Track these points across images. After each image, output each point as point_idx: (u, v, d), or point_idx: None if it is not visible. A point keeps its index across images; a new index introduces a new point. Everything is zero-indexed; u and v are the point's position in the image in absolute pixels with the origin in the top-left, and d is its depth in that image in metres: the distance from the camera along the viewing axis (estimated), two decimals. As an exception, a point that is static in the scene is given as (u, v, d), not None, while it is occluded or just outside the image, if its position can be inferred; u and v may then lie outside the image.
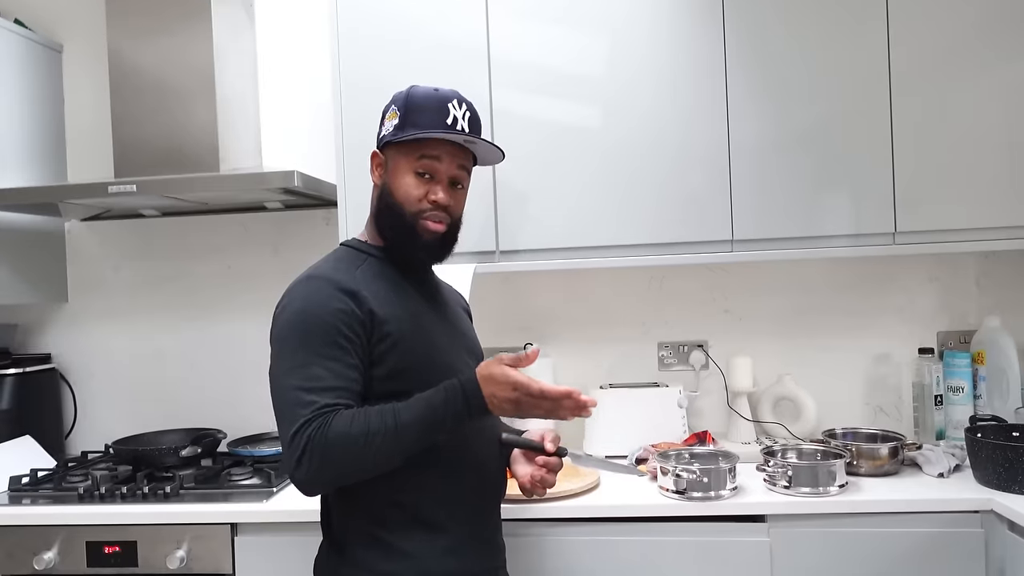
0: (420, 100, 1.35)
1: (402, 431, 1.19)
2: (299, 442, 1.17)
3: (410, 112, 1.34)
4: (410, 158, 1.35)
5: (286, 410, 1.21)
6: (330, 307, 1.25)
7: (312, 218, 2.43)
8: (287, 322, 1.27)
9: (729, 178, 1.97)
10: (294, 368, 1.23)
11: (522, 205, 2.02)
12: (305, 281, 1.31)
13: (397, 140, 1.35)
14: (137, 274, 2.51)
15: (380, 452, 1.19)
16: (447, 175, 1.36)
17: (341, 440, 1.17)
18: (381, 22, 2.04)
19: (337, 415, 1.19)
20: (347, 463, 1.19)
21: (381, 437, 1.18)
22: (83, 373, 2.52)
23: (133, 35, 2.18)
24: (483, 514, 1.40)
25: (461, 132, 1.35)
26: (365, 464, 1.21)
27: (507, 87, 2.01)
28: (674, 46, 1.98)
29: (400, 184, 1.35)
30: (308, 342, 1.23)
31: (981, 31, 1.92)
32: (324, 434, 1.17)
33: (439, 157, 1.35)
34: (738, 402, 2.19)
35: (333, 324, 1.24)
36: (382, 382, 1.28)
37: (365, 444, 1.18)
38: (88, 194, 2.05)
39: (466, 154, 1.40)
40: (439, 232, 1.37)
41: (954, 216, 1.93)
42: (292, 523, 1.75)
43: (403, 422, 1.20)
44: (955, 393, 2.11)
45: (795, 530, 1.70)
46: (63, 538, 1.84)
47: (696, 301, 2.35)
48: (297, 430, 1.18)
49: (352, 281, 1.30)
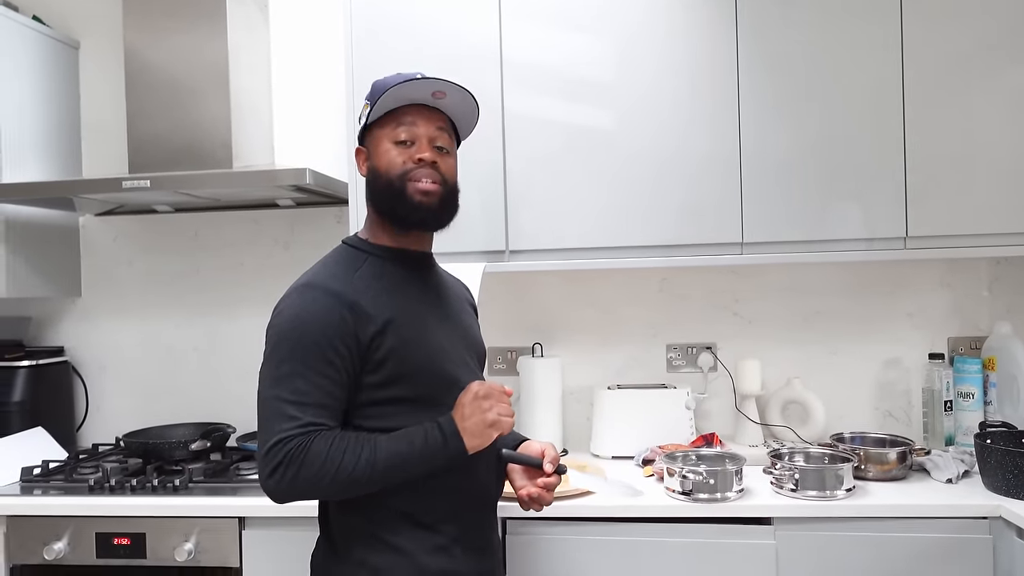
0: (384, 81, 1.37)
1: (378, 465, 1.23)
2: (277, 454, 1.20)
3: (376, 94, 1.36)
4: (386, 129, 1.36)
5: (269, 419, 1.23)
6: (324, 320, 1.26)
7: (324, 215, 2.44)
8: (280, 330, 1.28)
9: (740, 182, 1.97)
10: (282, 378, 1.24)
11: (532, 206, 2.02)
12: (302, 289, 1.31)
13: (371, 120, 1.37)
14: (150, 269, 2.53)
15: (353, 482, 1.22)
16: (426, 136, 1.36)
17: (318, 463, 1.20)
18: (394, 23, 2.05)
19: (319, 436, 1.21)
20: (318, 486, 1.22)
21: (356, 468, 1.21)
22: (95, 366, 2.54)
23: (149, 33, 2.20)
24: (478, 515, 1.40)
25: (427, 79, 1.34)
26: (336, 489, 1.24)
27: (519, 89, 2.02)
28: (687, 52, 1.98)
29: (383, 158, 1.36)
30: (298, 354, 1.24)
31: (994, 40, 1.91)
32: (303, 453, 1.20)
33: (415, 120, 1.36)
34: (746, 405, 2.19)
35: (325, 338, 1.25)
36: (378, 388, 1.29)
37: (338, 471, 1.20)
38: (102, 189, 2.07)
39: (442, 116, 1.40)
40: (432, 191, 1.35)
41: (965, 221, 1.92)
42: (299, 517, 1.75)
43: (380, 457, 1.23)
44: (965, 399, 2.10)
45: (801, 533, 1.70)
46: (73, 529, 1.86)
47: (705, 304, 2.35)
48: (277, 442, 1.20)
49: (350, 289, 1.29)
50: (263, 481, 1.23)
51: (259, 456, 1.23)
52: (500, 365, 2.39)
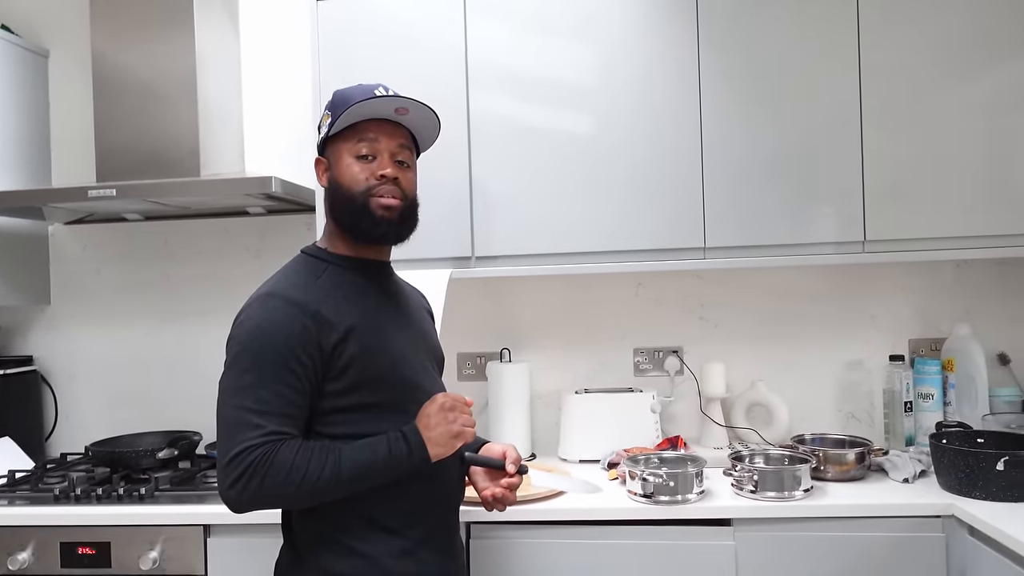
0: (345, 92, 1.39)
1: (343, 475, 1.24)
2: (239, 464, 1.20)
3: (338, 107, 1.36)
4: (348, 144, 1.37)
5: (231, 429, 1.23)
6: (287, 330, 1.26)
7: (294, 223, 2.45)
8: (242, 341, 1.28)
9: (702, 187, 2.00)
10: (244, 388, 1.24)
11: (498, 210, 2.04)
12: (263, 299, 1.31)
13: (333, 133, 1.38)
14: (119, 277, 2.53)
15: (316, 491, 1.23)
16: (387, 151, 1.37)
17: (283, 472, 1.21)
18: (360, 30, 2.07)
19: (284, 445, 1.22)
20: (282, 494, 1.23)
21: (321, 477, 1.22)
22: (64, 375, 2.54)
23: (117, 40, 2.20)
24: (440, 518, 1.42)
25: (389, 97, 1.36)
26: (300, 498, 1.26)
27: (485, 93, 2.04)
28: (651, 58, 2.01)
29: (345, 172, 1.37)
30: (261, 365, 1.25)
31: (949, 47, 1.95)
32: (267, 463, 1.20)
33: (377, 136, 1.37)
34: (711, 408, 2.22)
35: (288, 348, 1.25)
36: (341, 396, 1.30)
37: (303, 480, 1.21)
38: (68, 198, 2.07)
39: (404, 132, 1.41)
40: (393, 206, 1.36)
41: (923, 225, 1.96)
42: (264, 525, 1.73)
43: (345, 467, 1.24)
44: (925, 400, 2.14)
45: (760, 534, 1.73)
46: (38, 539, 1.85)
47: (673, 308, 2.37)
48: (241, 451, 1.20)
49: (311, 297, 1.30)
50: (223, 491, 1.23)
51: (220, 466, 1.23)
52: (469, 371, 2.41)
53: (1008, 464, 1.66)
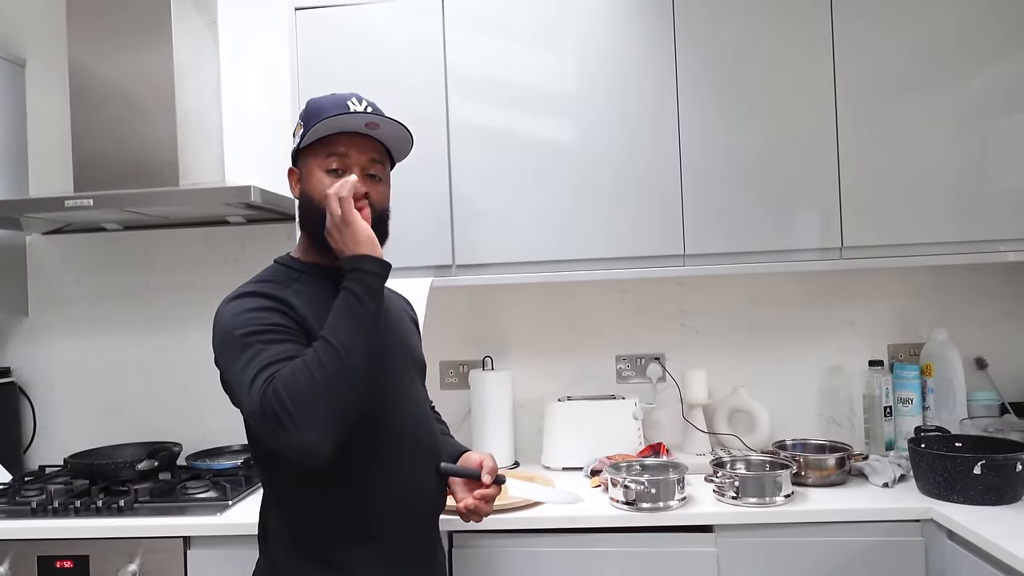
0: (318, 103, 1.38)
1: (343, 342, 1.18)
2: (266, 409, 1.13)
3: (311, 118, 1.35)
4: (319, 158, 1.35)
5: (245, 397, 1.18)
6: (266, 309, 1.25)
7: (275, 232, 2.44)
8: (226, 330, 1.26)
9: (681, 194, 2.01)
10: (242, 362, 1.20)
11: (478, 218, 2.05)
12: (237, 295, 1.30)
13: (304, 145, 1.37)
14: (98, 288, 2.51)
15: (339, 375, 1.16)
16: (358, 166, 1.36)
17: (295, 377, 1.14)
18: (339, 38, 2.07)
19: (281, 369, 1.16)
20: (316, 400, 1.14)
21: (327, 352, 1.16)
22: (42, 387, 2.51)
23: (94, 50, 2.19)
24: (420, 528, 1.41)
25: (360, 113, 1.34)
26: (334, 391, 1.16)
27: (463, 98, 2.05)
28: (629, 65, 2.02)
29: (315, 185, 1.35)
30: (250, 338, 1.22)
31: (924, 53, 1.97)
32: (277, 384, 1.14)
33: (347, 151, 1.35)
34: (693, 414, 2.22)
35: (271, 318, 1.24)
36: None
37: (314, 374, 1.14)
38: (45, 208, 2.05)
39: (375, 146, 1.39)
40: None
41: (899, 231, 1.98)
42: (244, 536, 1.73)
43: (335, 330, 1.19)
44: (904, 404, 2.16)
45: (742, 540, 1.73)
46: (15, 553, 1.83)
47: (654, 315, 2.38)
48: (258, 401, 1.14)
49: (286, 297, 1.29)
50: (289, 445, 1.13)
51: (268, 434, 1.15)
52: (452, 379, 2.40)
53: (985, 468, 1.68)
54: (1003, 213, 1.96)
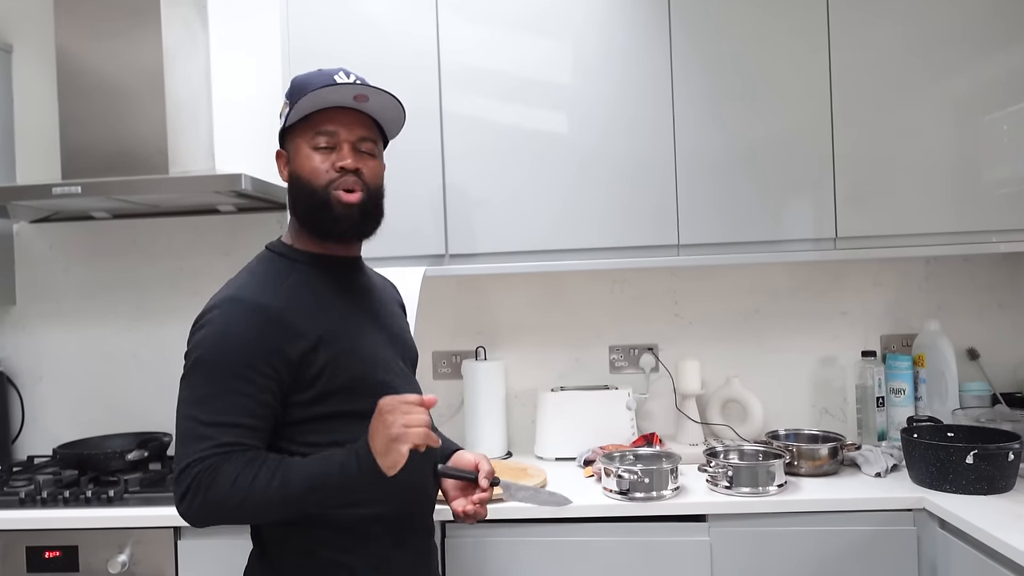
0: (303, 79, 1.33)
1: (291, 491, 1.16)
2: (186, 478, 1.16)
3: (296, 94, 1.31)
4: (307, 136, 1.32)
5: (183, 440, 1.19)
6: (248, 337, 1.21)
7: (265, 221, 2.42)
8: (202, 347, 1.22)
9: (675, 184, 2.00)
10: (200, 398, 1.20)
11: (472, 208, 2.03)
12: (227, 303, 1.25)
13: (291, 123, 1.33)
14: (87, 276, 2.48)
15: (262, 508, 1.18)
16: (347, 141, 1.32)
17: (225, 487, 1.15)
18: (331, 25, 2.05)
19: (228, 461, 1.16)
20: (226, 511, 1.17)
21: (264, 494, 1.15)
22: (31, 377, 2.48)
23: (82, 36, 2.15)
24: (416, 522, 1.39)
25: (347, 84, 1.30)
26: (245, 514, 1.21)
27: (456, 87, 2.03)
28: (624, 55, 2.01)
29: (304, 164, 1.31)
30: (219, 373, 1.20)
31: (919, 44, 1.97)
32: (210, 479, 1.15)
33: (336, 128, 1.31)
34: (686, 404, 2.22)
35: (248, 357, 1.20)
36: (312, 405, 1.25)
37: (246, 495, 1.15)
38: (32, 196, 2.02)
39: (366, 122, 1.35)
40: (353, 201, 1.31)
41: (894, 222, 1.98)
42: (235, 527, 1.73)
43: (291, 484, 1.16)
44: (897, 395, 2.16)
45: (735, 529, 1.74)
46: (3, 543, 1.82)
47: (648, 305, 2.38)
48: (187, 465, 1.16)
49: (277, 303, 1.25)
50: (177, 506, 1.18)
51: (173, 480, 1.19)
52: (444, 369, 2.39)
53: (977, 458, 1.68)
54: (997, 204, 1.96)
